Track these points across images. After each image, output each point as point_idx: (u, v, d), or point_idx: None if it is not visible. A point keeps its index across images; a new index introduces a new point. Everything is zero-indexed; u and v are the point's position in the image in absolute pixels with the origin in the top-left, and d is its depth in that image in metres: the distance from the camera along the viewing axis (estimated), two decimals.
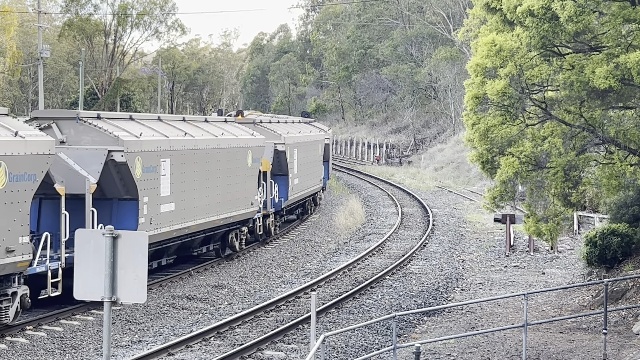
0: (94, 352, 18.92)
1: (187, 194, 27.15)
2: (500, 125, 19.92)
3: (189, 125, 29.39)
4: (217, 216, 29.39)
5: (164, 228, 25.71)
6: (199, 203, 27.96)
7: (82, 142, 23.86)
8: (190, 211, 27.39)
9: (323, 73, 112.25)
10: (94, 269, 10.10)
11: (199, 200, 27.97)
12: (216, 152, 29.46)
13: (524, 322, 17.10)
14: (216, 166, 29.44)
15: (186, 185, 27.13)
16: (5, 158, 19.01)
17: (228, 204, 30.16)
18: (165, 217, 25.76)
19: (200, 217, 28.11)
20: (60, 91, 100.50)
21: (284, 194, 37.85)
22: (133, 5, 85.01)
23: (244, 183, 31.66)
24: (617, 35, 19.19)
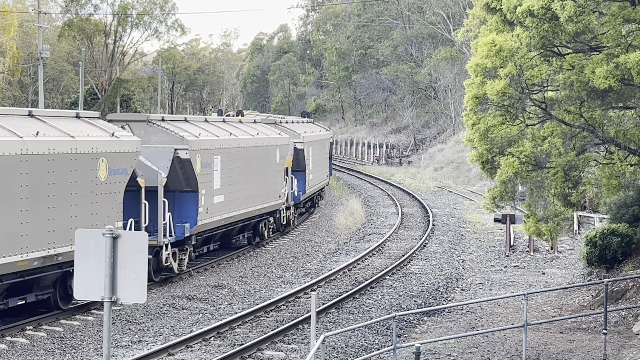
0: (94, 352, 18.92)
1: (232, 187, 30.54)
2: (500, 125, 19.93)
3: (229, 126, 32.84)
4: (254, 207, 32.94)
5: (215, 217, 29.22)
6: (240, 195, 31.41)
7: (152, 142, 26.71)
8: (235, 202, 30.85)
9: (323, 73, 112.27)
10: (94, 269, 10.10)
11: (240, 192, 31.41)
12: (253, 150, 32.92)
13: (524, 322, 17.10)
14: (253, 162, 32.86)
15: (232, 179, 30.57)
16: (106, 155, 22.36)
17: (262, 197, 33.73)
18: (217, 207, 29.21)
19: (242, 208, 31.64)
20: (60, 91, 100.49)
21: (302, 188, 41.42)
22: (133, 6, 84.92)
23: (273, 178, 35.30)
24: (617, 35, 19.19)
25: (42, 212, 20.12)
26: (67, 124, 22.19)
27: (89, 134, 22.35)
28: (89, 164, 21.86)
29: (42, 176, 20.12)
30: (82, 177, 21.58)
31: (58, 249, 20.56)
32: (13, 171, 19.33)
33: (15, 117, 21.04)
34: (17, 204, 19.45)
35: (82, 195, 21.52)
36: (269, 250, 34.29)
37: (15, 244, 19.32)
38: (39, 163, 20.06)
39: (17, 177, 19.46)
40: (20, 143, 19.55)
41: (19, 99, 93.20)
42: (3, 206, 19.06)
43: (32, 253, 19.72)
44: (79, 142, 21.50)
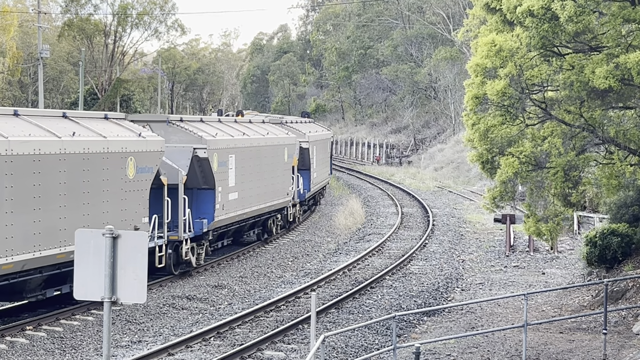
0: (94, 352, 18.92)
1: (245, 184, 31.83)
2: (500, 125, 19.92)
3: (241, 126, 34.15)
4: (264, 204, 34.30)
5: (230, 213, 30.55)
6: (252, 193, 32.74)
7: (172, 141, 27.58)
8: (247, 199, 32.18)
9: (323, 73, 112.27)
10: (94, 269, 10.10)
11: (252, 190, 32.73)
12: (264, 149, 34.28)
13: (524, 322, 17.10)
14: (264, 161, 34.20)
15: (245, 177, 31.84)
16: (134, 154, 23.69)
17: (271, 194, 35.08)
18: (231, 204, 30.54)
19: (254, 205, 33.03)
20: (60, 91, 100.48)
21: (307, 186, 42.84)
22: (133, 6, 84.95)
23: (282, 176, 36.74)
24: (617, 35, 19.19)
25: (78, 208, 21.34)
26: (97, 124, 23.51)
27: (119, 134, 23.64)
28: (119, 163, 23.19)
29: (78, 174, 21.38)
30: (112, 175, 22.88)
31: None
32: (53, 169, 20.51)
33: (51, 118, 22.31)
34: (57, 200, 20.60)
35: (112, 192, 22.84)
36: (269, 250, 34.30)
37: (55, 237, 20.47)
38: (76, 162, 21.33)
39: (57, 175, 20.61)
40: (59, 143, 20.74)
41: (19, 99, 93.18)
42: (45, 202, 20.20)
43: (69, 246, 20.39)
44: (110, 142, 22.81)
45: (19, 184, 19.43)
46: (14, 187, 19.33)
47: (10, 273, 19.44)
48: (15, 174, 19.34)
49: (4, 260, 19.00)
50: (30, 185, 19.78)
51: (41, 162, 20.09)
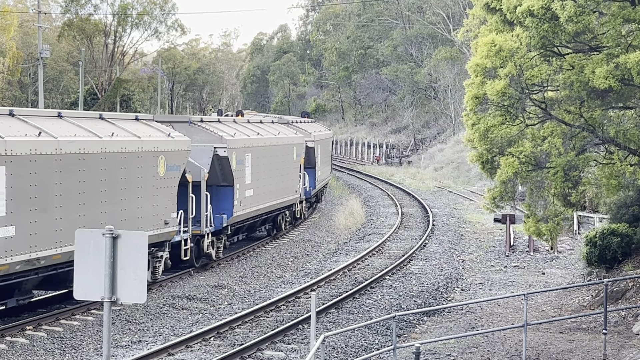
0: (94, 352, 18.92)
1: (259, 182, 33.47)
2: (500, 125, 19.92)
3: (254, 126, 35.95)
4: (276, 201, 36.01)
5: (247, 209, 32.17)
6: (266, 190, 34.43)
7: (194, 141, 28.52)
8: (261, 196, 33.84)
9: (323, 73, 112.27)
10: (94, 269, 10.10)
11: (266, 187, 34.41)
12: (276, 148, 36.04)
13: (524, 322, 17.10)
14: (276, 160, 35.93)
15: (259, 175, 33.45)
16: (165, 153, 25.18)
17: (282, 191, 36.87)
18: (248, 200, 32.15)
19: (267, 202, 34.69)
20: (60, 91, 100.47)
21: (313, 184, 44.58)
22: (133, 6, 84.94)
23: (291, 174, 38.43)
24: (617, 35, 19.19)
25: (116, 204, 22.84)
26: (130, 125, 24.97)
27: (150, 134, 25.08)
28: (152, 161, 24.66)
29: (116, 172, 22.85)
30: (145, 173, 24.35)
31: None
32: (95, 167, 22.01)
33: (90, 120, 23.74)
34: (98, 196, 22.08)
35: (145, 189, 24.32)
36: (269, 250, 34.31)
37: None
38: (115, 160, 22.83)
39: (98, 172, 22.10)
40: (101, 143, 22.24)
41: (19, 99, 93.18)
42: (88, 198, 21.62)
43: None
44: (144, 141, 24.31)
45: (67, 181, 20.76)
46: (63, 184, 20.63)
47: (59, 263, 20.74)
48: (63, 172, 20.67)
49: (54, 252, 20.32)
50: (76, 182, 21.17)
51: (85, 161, 21.52)
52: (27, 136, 19.81)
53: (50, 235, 20.15)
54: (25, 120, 20.89)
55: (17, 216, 19.18)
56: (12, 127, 19.93)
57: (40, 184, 19.90)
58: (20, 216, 19.27)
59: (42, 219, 19.93)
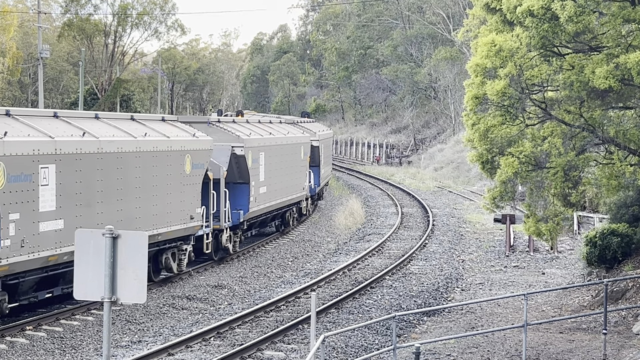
0: (94, 352, 18.92)
1: (272, 179, 35.13)
2: (500, 125, 19.92)
3: (266, 126, 37.94)
4: (286, 197, 37.71)
5: (261, 205, 33.81)
6: (277, 187, 36.03)
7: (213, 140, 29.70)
8: (273, 193, 35.43)
9: (323, 73, 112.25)
10: (94, 269, 10.10)
11: (277, 184, 36.01)
12: (286, 147, 37.86)
13: (524, 322, 17.09)
14: (286, 158, 37.71)
15: (272, 173, 35.10)
16: (190, 152, 26.83)
17: (291, 189, 38.58)
18: (262, 197, 33.79)
19: (278, 198, 36.30)
20: (60, 91, 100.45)
21: (317, 182, 46.39)
22: (133, 6, 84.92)
23: (299, 172, 40.23)
24: (617, 35, 19.19)
25: (148, 199, 24.50)
26: (159, 126, 26.69)
27: (177, 134, 26.75)
28: (179, 160, 26.34)
29: (149, 169, 24.53)
30: (174, 171, 26.01)
31: (159, 229, 24.94)
32: (131, 165, 23.64)
33: (123, 121, 25.41)
34: (133, 192, 23.70)
35: (174, 186, 26.02)
36: (269, 250, 34.31)
37: (132, 224, 23.29)
38: (147, 159, 24.49)
39: (133, 170, 23.72)
40: (136, 142, 23.90)
41: (19, 99, 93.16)
42: (125, 194, 23.27)
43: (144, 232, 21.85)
44: (173, 141, 25.98)
45: (106, 178, 22.46)
46: (103, 181, 22.34)
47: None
48: (104, 169, 22.35)
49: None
50: (115, 179, 22.84)
51: (122, 159, 23.15)
52: (72, 136, 21.42)
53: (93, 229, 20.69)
54: (68, 122, 22.54)
55: (65, 210, 20.70)
56: (58, 128, 21.45)
57: (84, 180, 21.52)
58: (68, 210, 20.78)
59: (86, 213, 21.55)
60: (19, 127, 20.30)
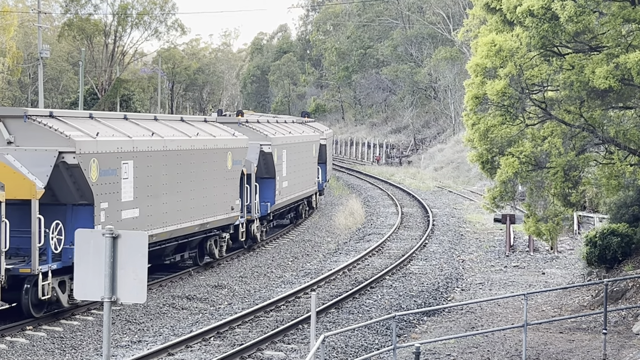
0: (94, 352, 18.91)
1: (292, 175, 38.44)
2: (500, 125, 19.92)
3: (283, 125, 41.34)
4: (302, 192, 41.15)
5: (284, 198, 37.36)
6: (296, 181, 39.43)
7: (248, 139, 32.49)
8: (293, 187, 38.70)
9: (323, 73, 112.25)
10: (94, 269, 10.10)
11: (296, 179, 39.38)
12: (302, 145, 41.09)
13: (524, 322, 17.10)
14: (302, 155, 40.98)
15: (291, 169, 38.36)
16: (231, 150, 29.90)
17: (306, 183, 42.03)
18: (285, 191, 37.16)
19: (296, 192, 39.74)
20: (60, 91, 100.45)
21: (324, 177, 49.87)
22: (133, 5, 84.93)
23: (311, 168, 43.65)
24: (617, 35, 19.18)
25: (199, 192, 27.48)
26: (203, 126, 29.84)
27: (221, 134, 29.88)
28: (223, 157, 29.40)
29: (200, 165, 27.58)
30: (219, 166, 29.07)
31: (207, 218, 28.15)
32: (187, 161, 26.61)
33: (176, 122, 28.66)
34: (188, 185, 26.79)
35: (219, 180, 29.05)
36: (269, 250, 34.31)
37: (187, 214, 26.67)
38: (199, 155, 27.56)
39: (188, 165, 26.71)
40: (190, 141, 27.03)
41: (19, 99, 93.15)
42: (183, 187, 26.32)
43: (197, 221, 27.37)
44: (218, 140, 29.11)
45: (169, 173, 25.61)
46: (167, 175, 25.48)
47: (163, 240, 25.61)
48: (168, 165, 25.44)
49: (161, 230, 25.14)
50: (175, 173, 25.93)
51: (180, 156, 26.19)
52: (144, 136, 24.44)
53: (160, 217, 25.00)
54: (136, 123, 25.52)
55: (140, 201, 23.81)
56: (132, 129, 24.44)
57: (153, 175, 24.64)
58: (142, 201, 23.90)
59: (154, 203, 24.70)
60: (103, 128, 23.17)
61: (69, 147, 21.11)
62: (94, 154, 21.69)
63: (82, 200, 21.84)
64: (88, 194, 21.68)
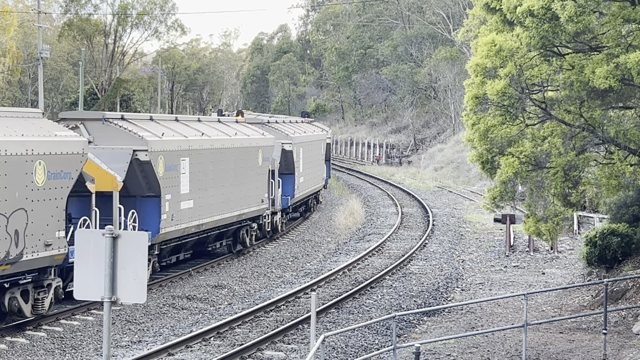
0: (94, 352, 18.91)
1: (306, 171, 41.98)
2: (500, 125, 19.91)
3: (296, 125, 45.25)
4: (313, 187, 44.80)
5: (301, 192, 41.11)
6: (309, 177, 43.12)
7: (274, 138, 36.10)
8: (306, 182, 42.56)
9: (323, 73, 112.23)
10: (94, 269, 10.09)
11: (308, 175, 43.02)
12: (313, 144, 44.84)
13: (524, 322, 17.09)
14: (314, 153, 44.65)
15: (305, 166, 41.88)
16: (261, 148, 33.19)
17: (315, 180, 45.38)
18: (302, 185, 41.06)
19: (309, 187, 43.56)
20: (60, 91, 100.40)
21: (328, 174, 53.98)
22: (133, 5, 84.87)
23: (320, 166, 47.24)
24: (617, 35, 19.18)
25: (236, 186, 30.70)
26: (237, 127, 33.00)
27: (252, 134, 32.94)
28: (255, 154, 32.69)
29: (237, 161, 30.80)
30: (252, 163, 32.31)
31: (243, 210, 31.46)
32: (228, 158, 29.87)
33: (214, 122, 31.88)
34: (229, 179, 30.13)
35: (251, 175, 32.32)
36: (269, 250, 34.30)
37: (228, 206, 29.94)
38: (236, 153, 30.64)
39: (229, 162, 30.10)
40: (231, 140, 30.48)
41: (19, 99, 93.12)
42: (224, 181, 29.63)
43: (235, 211, 30.62)
44: (251, 139, 32.40)
45: (215, 168, 28.91)
46: (213, 170, 28.77)
47: (210, 228, 28.99)
48: (214, 162, 28.86)
49: (209, 220, 28.46)
50: (219, 169, 29.24)
51: (223, 154, 29.54)
52: (196, 136, 27.87)
53: (208, 208, 28.25)
54: (186, 124, 28.97)
55: (194, 193, 27.23)
56: (184, 130, 27.85)
57: (203, 170, 27.97)
58: (195, 193, 27.30)
59: (204, 195, 28.02)
60: (163, 129, 26.48)
61: (142, 146, 24.48)
62: (161, 152, 25.20)
63: (150, 192, 25.22)
64: (155, 186, 25.15)
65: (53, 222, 20.12)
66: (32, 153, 19.51)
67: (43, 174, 19.84)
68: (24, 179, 19.28)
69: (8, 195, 18.84)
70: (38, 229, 19.66)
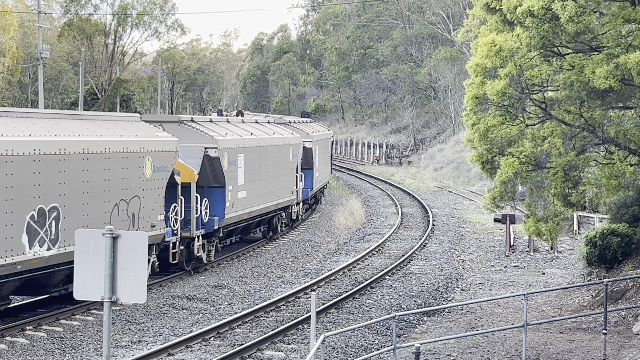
0: (94, 352, 18.91)
1: (319, 166, 46.00)
2: (500, 125, 19.91)
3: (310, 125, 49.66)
4: (323, 182, 48.75)
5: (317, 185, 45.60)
6: (321, 172, 47.15)
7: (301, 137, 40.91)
8: (319, 177, 46.41)
9: (323, 73, 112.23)
10: (94, 269, 10.09)
11: (321, 170, 47.08)
12: (323, 142, 49.18)
13: (524, 322, 17.09)
14: (324, 150, 49.22)
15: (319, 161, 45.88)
16: (292, 145, 37.60)
17: (324, 175, 49.18)
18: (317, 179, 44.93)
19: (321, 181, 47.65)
20: (59, 91, 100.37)
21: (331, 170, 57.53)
22: (133, 6, 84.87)
23: (327, 162, 52.18)
24: (617, 35, 19.18)
25: (273, 179, 34.49)
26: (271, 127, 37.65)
27: (284, 133, 37.60)
28: (287, 151, 36.93)
29: (275, 157, 34.78)
30: (285, 159, 36.59)
31: (279, 200, 35.69)
32: (269, 155, 34.23)
33: (253, 123, 36.04)
34: (270, 173, 34.08)
35: (285, 170, 36.37)
36: (269, 250, 34.31)
37: (268, 196, 34.07)
38: (274, 150, 34.98)
39: (269, 157, 34.10)
40: (271, 139, 34.51)
41: (19, 99, 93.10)
42: (267, 174, 33.57)
43: (273, 201, 34.63)
44: (284, 137, 36.75)
45: (261, 163, 33.04)
46: (259, 165, 32.89)
47: (255, 216, 33.06)
48: (260, 158, 32.87)
49: (256, 208, 32.70)
50: (264, 164, 33.30)
51: (266, 150, 33.64)
52: (247, 135, 31.89)
53: (255, 198, 32.31)
54: (236, 125, 33.07)
55: (247, 184, 31.43)
56: (236, 130, 31.90)
57: (253, 165, 32.09)
58: (248, 185, 31.53)
59: (253, 187, 32.12)
60: (223, 130, 30.54)
61: (212, 144, 28.59)
62: (225, 149, 29.29)
63: (215, 183, 29.15)
64: (221, 178, 29.21)
65: (156, 208, 24.55)
66: (144, 150, 23.81)
67: (150, 168, 24.22)
68: (138, 172, 23.58)
69: (128, 185, 23.10)
70: (147, 213, 23.99)
